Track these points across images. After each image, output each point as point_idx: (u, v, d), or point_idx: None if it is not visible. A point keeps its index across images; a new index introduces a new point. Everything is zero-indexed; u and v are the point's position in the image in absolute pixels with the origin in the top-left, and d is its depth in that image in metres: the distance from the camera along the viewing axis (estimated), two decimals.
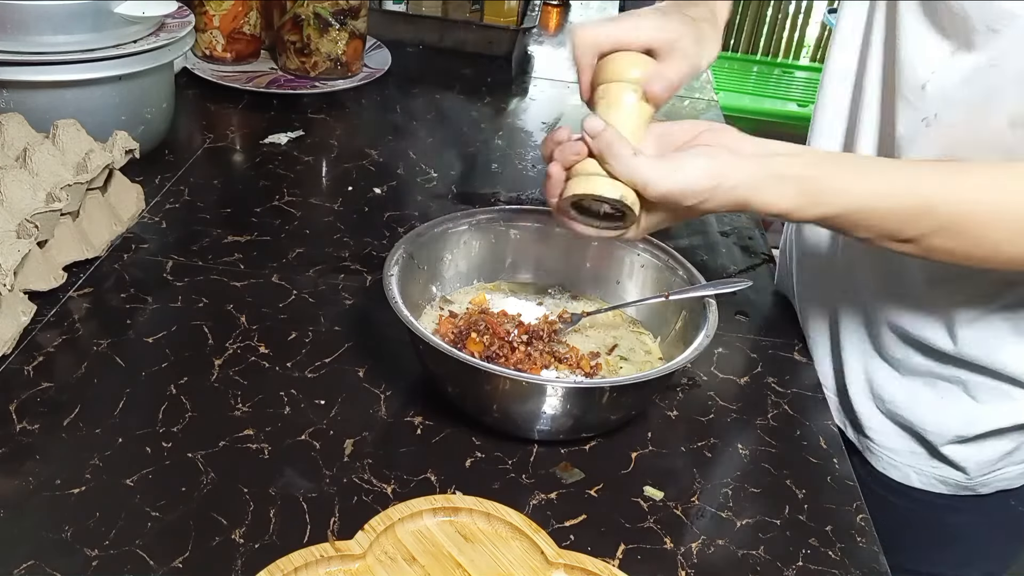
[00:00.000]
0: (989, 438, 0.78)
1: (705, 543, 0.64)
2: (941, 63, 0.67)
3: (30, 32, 0.88)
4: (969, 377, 0.76)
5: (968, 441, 0.78)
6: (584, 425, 0.70)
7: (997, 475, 0.81)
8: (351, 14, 1.25)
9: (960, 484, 0.81)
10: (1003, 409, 0.76)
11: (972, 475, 0.80)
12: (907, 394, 0.80)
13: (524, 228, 0.84)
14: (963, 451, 0.79)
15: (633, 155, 0.61)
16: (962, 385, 0.77)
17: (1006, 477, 0.81)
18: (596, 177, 0.62)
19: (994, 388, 0.76)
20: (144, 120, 0.99)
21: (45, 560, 0.56)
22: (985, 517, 0.84)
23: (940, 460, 0.81)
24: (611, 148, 0.61)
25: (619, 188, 0.62)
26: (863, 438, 0.85)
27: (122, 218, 0.89)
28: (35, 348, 0.73)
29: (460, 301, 0.82)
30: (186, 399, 0.70)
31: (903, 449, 0.82)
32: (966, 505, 0.83)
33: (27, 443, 0.65)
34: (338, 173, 1.07)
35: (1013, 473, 0.81)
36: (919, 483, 0.83)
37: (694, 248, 0.99)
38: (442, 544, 0.59)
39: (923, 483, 0.82)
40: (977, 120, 0.66)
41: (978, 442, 0.79)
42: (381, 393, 0.74)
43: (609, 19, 0.70)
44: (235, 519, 0.61)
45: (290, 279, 0.86)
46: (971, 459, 0.79)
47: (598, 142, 0.62)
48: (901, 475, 0.83)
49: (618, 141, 0.61)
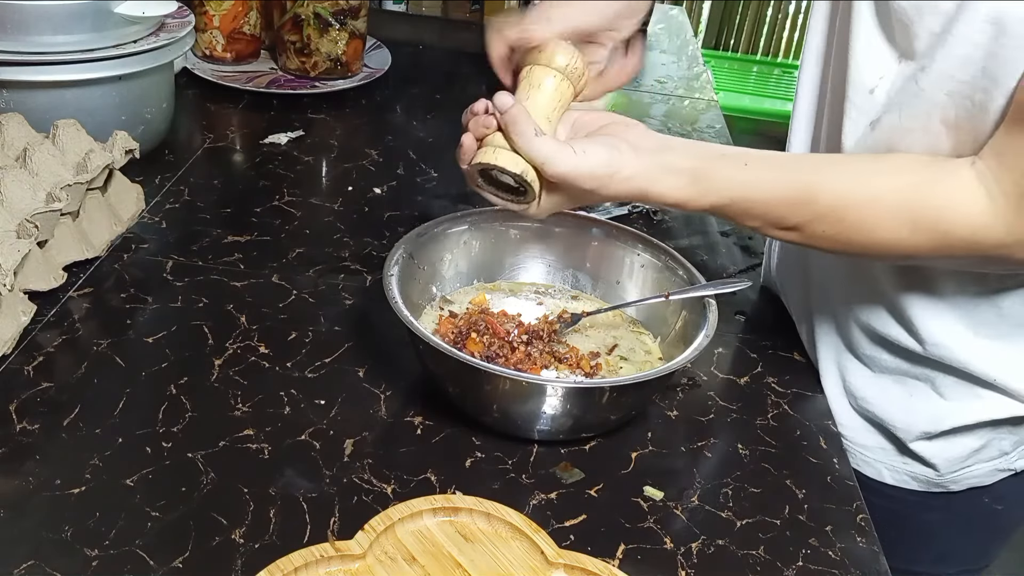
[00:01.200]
0: (957, 435, 0.79)
1: (705, 543, 0.64)
2: (888, 69, 0.69)
3: (30, 32, 0.88)
4: (936, 376, 0.77)
5: (935, 437, 0.79)
6: (584, 425, 0.70)
7: (967, 472, 0.81)
8: (351, 14, 1.25)
9: (931, 481, 0.82)
10: (971, 407, 0.77)
11: (942, 472, 0.81)
12: (878, 391, 0.80)
13: (524, 228, 0.84)
14: (931, 447, 0.80)
15: (535, 135, 0.64)
16: (931, 383, 0.78)
17: (976, 475, 0.82)
18: (501, 150, 0.65)
19: (961, 386, 0.77)
20: (144, 120, 0.99)
21: (45, 560, 0.56)
22: (957, 515, 0.85)
23: (910, 457, 0.81)
24: (516, 125, 0.65)
25: (520, 164, 0.65)
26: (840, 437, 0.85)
27: (122, 218, 0.89)
28: (35, 348, 0.73)
29: (460, 301, 0.82)
30: (186, 399, 0.70)
31: (874, 445, 0.83)
32: (938, 503, 0.83)
33: (27, 443, 0.65)
34: (338, 173, 1.07)
35: (983, 471, 0.81)
36: (892, 480, 0.83)
37: (694, 248, 0.99)
38: (442, 544, 0.59)
39: (895, 480, 0.83)
40: (917, 125, 0.67)
41: (945, 438, 0.79)
42: (381, 393, 0.74)
43: (523, 15, 0.73)
44: (235, 519, 0.61)
45: (290, 279, 0.86)
46: (940, 455, 0.80)
47: (505, 118, 0.65)
48: (874, 472, 0.84)
49: (524, 119, 0.64)
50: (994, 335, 0.74)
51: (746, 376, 0.81)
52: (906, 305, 0.75)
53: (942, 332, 0.74)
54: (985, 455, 0.80)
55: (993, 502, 0.84)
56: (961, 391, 0.77)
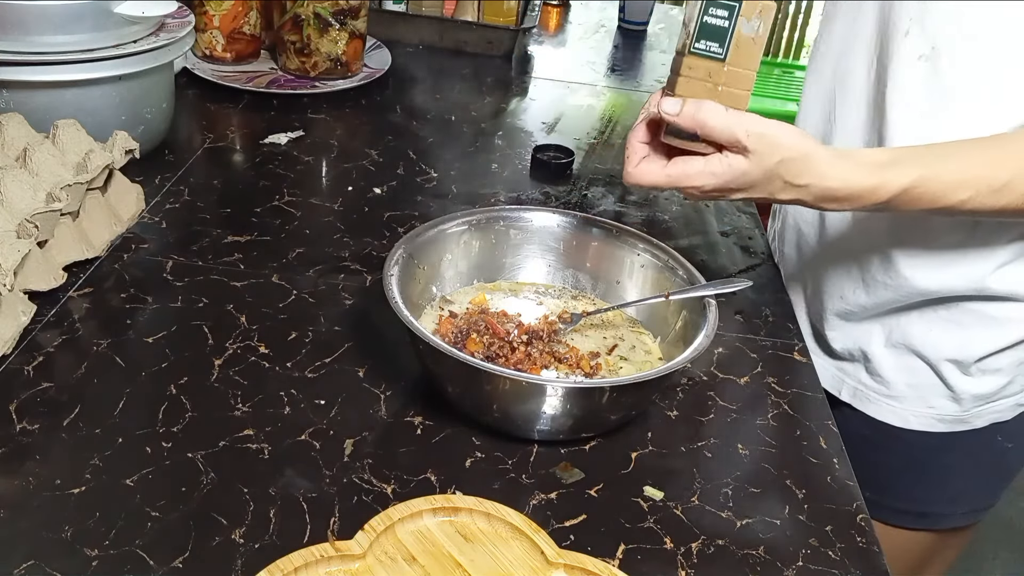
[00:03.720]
0: (985, 374, 0.84)
1: (705, 543, 0.64)
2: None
3: (30, 32, 0.88)
4: (962, 304, 0.83)
5: (966, 372, 0.84)
6: (584, 425, 0.70)
7: (990, 407, 0.86)
8: (351, 14, 1.25)
9: (956, 418, 0.87)
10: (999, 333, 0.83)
11: (968, 407, 0.86)
12: (919, 318, 0.85)
13: (524, 228, 0.84)
14: (962, 380, 0.85)
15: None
16: (959, 310, 0.83)
17: (998, 409, 0.87)
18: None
19: (983, 312, 0.82)
20: (144, 120, 0.99)
21: (45, 560, 0.56)
22: (974, 455, 0.90)
23: (939, 392, 0.86)
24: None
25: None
26: (864, 391, 0.90)
27: (122, 218, 0.89)
28: (35, 348, 0.73)
29: (460, 301, 0.82)
30: (186, 399, 0.70)
31: (903, 384, 0.87)
32: (957, 442, 0.88)
33: (27, 443, 0.65)
34: (338, 173, 1.07)
35: (1005, 406, 0.87)
36: (917, 424, 0.88)
37: (694, 248, 0.99)
38: (442, 544, 0.59)
39: (921, 424, 0.88)
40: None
41: (974, 378, 0.84)
42: (381, 393, 0.74)
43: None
44: (235, 519, 0.61)
45: (290, 279, 0.86)
46: (968, 392, 0.85)
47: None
48: (900, 419, 0.88)
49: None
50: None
51: (746, 376, 0.81)
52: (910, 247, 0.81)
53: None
54: (1009, 390, 0.86)
55: (1006, 440, 0.89)
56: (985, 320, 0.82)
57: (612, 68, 1.54)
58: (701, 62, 0.67)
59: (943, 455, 0.90)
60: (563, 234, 0.84)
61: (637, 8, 1.71)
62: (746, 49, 0.66)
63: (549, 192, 1.08)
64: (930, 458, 0.90)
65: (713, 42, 0.66)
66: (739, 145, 0.65)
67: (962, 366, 0.85)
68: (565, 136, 1.23)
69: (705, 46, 0.67)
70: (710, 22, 0.66)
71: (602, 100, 1.40)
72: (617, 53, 1.63)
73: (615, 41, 1.68)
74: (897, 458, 0.90)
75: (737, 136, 0.65)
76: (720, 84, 0.67)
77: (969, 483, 0.93)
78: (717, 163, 0.66)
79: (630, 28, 1.72)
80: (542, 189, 1.08)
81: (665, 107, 0.66)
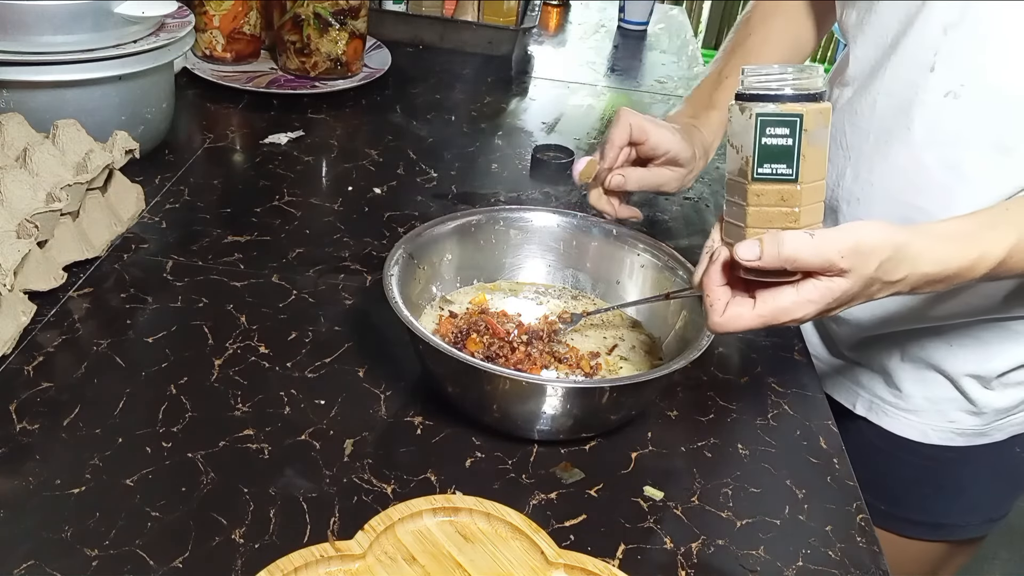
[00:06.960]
0: (1007, 387, 0.84)
1: (705, 543, 0.64)
2: None
3: (30, 32, 0.88)
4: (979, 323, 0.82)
5: (987, 387, 0.84)
6: (584, 425, 0.70)
7: (1010, 420, 0.86)
8: (351, 14, 1.25)
9: (977, 432, 0.86)
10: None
11: (989, 420, 0.85)
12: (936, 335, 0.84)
13: (524, 228, 0.84)
14: (983, 394, 0.84)
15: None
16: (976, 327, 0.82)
17: (1017, 421, 0.86)
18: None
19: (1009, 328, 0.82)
20: (144, 120, 0.99)
21: (45, 560, 0.56)
22: (991, 466, 0.89)
23: (959, 407, 0.85)
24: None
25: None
26: (881, 404, 0.89)
27: (122, 218, 0.89)
28: (35, 348, 0.73)
29: (460, 301, 0.82)
30: (186, 399, 0.70)
31: (922, 398, 0.86)
32: (977, 455, 0.87)
33: (27, 443, 0.65)
34: (338, 173, 1.07)
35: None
36: (937, 439, 0.87)
37: (694, 248, 0.99)
38: (442, 544, 0.59)
39: (940, 439, 0.87)
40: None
41: (995, 391, 0.84)
42: (381, 393, 0.74)
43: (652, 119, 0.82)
44: (235, 519, 0.61)
45: (290, 279, 0.86)
46: (990, 405, 0.84)
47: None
48: (919, 433, 0.87)
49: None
50: None
51: (746, 376, 0.81)
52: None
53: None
54: None
55: (1023, 450, 0.89)
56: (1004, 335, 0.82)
57: (612, 68, 1.54)
58: (769, 187, 0.59)
59: (960, 467, 0.89)
60: (563, 234, 0.84)
61: (637, 8, 1.71)
62: (814, 158, 0.58)
63: (549, 192, 1.08)
64: (947, 470, 0.89)
65: (779, 164, 0.58)
66: (835, 269, 0.58)
67: (983, 380, 0.84)
68: (565, 136, 1.23)
69: (771, 169, 0.58)
70: (770, 143, 0.58)
71: (602, 100, 1.40)
72: (617, 53, 1.63)
73: (615, 41, 1.68)
74: (913, 470, 0.88)
75: (832, 261, 0.58)
76: (796, 206, 0.59)
77: (985, 494, 0.92)
78: (813, 289, 0.59)
79: (630, 28, 1.72)
80: (542, 189, 1.08)
81: (742, 254, 0.59)
